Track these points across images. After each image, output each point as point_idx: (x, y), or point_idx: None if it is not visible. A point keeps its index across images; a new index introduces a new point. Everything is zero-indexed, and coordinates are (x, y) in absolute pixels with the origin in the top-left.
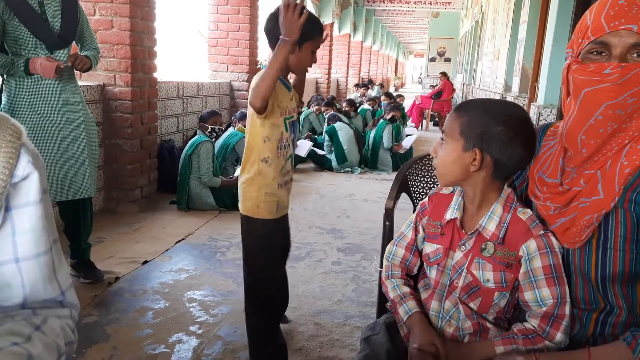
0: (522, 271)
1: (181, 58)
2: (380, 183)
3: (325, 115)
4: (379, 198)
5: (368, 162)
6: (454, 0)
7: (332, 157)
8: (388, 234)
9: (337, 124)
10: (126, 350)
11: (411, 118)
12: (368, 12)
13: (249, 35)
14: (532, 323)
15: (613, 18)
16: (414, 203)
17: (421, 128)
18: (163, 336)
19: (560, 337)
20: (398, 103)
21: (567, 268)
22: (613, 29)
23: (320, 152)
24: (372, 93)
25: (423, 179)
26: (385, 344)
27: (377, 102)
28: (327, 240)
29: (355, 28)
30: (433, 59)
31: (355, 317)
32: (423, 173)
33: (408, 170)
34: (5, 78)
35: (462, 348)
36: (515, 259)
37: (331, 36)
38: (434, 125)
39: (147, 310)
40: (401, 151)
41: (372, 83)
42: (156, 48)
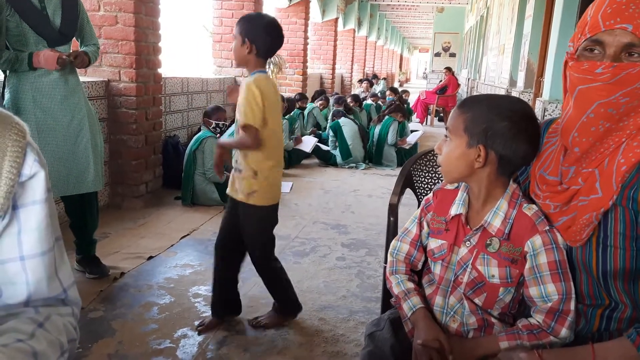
0: (528, 267)
1: (185, 54)
2: (384, 179)
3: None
4: (384, 194)
5: (372, 158)
6: None
7: (337, 153)
8: (392, 230)
9: (342, 120)
10: (132, 345)
11: (416, 113)
12: (373, 7)
13: None
14: (537, 318)
15: (609, 16)
16: (419, 199)
17: (426, 123)
18: (168, 331)
19: (565, 333)
20: (400, 103)
21: (571, 264)
22: (608, 28)
23: (324, 148)
24: (378, 88)
25: (427, 175)
26: (389, 340)
27: (382, 97)
28: (332, 235)
29: (359, 23)
30: (438, 54)
31: (359, 313)
32: (427, 169)
33: (412, 165)
34: (7, 74)
35: (467, 343)
36: (520, 255)
37: (335, 31)
38: (439, 120)
39: (153, 305)
40: (406, 146)
41: (377, 78)
42: (160, 44)
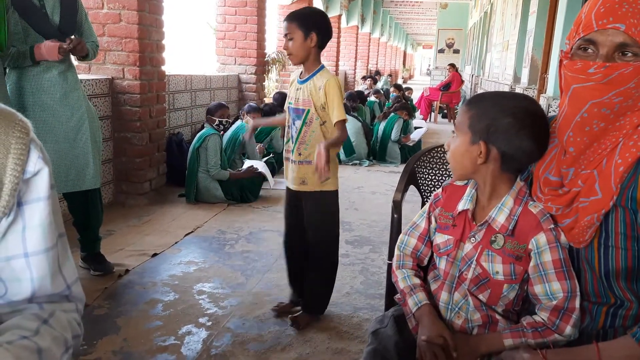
0: (532, 264)
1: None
2: (388, 175)
3: None
4: (387, 190)
5: (376, 155)
6: None
7: (340, 150)
8: (396, 227)
9: None
10: (136, 341)
11: (419, 110)
12: (376, 4)
13: (257, 27)
14: (542, 316)
15: (602, 15)
16: (422, 196)
17: (430, 120)
18: (173, 328)
19: (569, 331)
20: (405, 101)
21: (577, 262)
22: (601, 27)
23: None
24: (379, 84)
25: (431, 172)
26: (393, 337)
27: (385, 94)
28: None
29: (363, 20)
30: (441, 51)
31: (363, 309)
32: (431, 165)
33: (416, 162)
34: (7, 71)
35: (471, 340)
36: (524, 252)
37: (339, 28)
38: (443, 117)
39: (157, 302)
40: (410, 143)
41: (380, 74)
42: (164, 41)
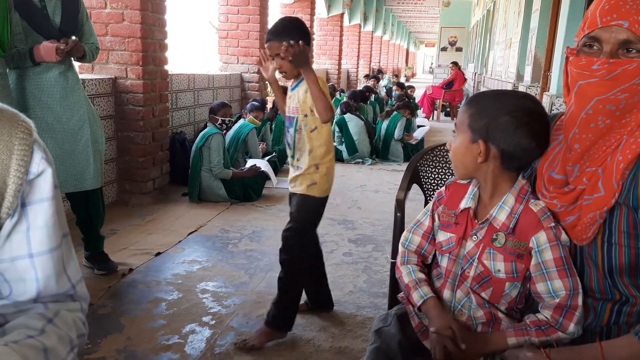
0: (533, 263)
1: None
2: (391, 174)
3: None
4: (390, 189)
5: (379, 153)
6: None
7: (343, 148)
8: (399, 225)
9: (347, 115)
10: (140, 340)
11: (422, 108)
12: (378, 2)
13: (259, 26)
14: (545, 314)
15: (606, 12)
16: (425, 194)
17: (432, 118)
18: (176, 327)
19: (573, 328)
20: (407, 99)
21: (580, 259)
22: (605, 24)
23: None
24: (383, 83)
25: (434, 170)
26: (396, 336)
27: (388, 93)
28: (339, 231)
29: (365, 18)
30: (444, 49)
31: (366, 308)
32: (434, 164)
33: (419, 161)
34: (7, 72)
35: (475, 338)
36: (526, 250)
37: (341, 27)
38: (445, 115)
39: (161, 301)
40: (412, 142)
41: (382, 73)
42: (167, 40)
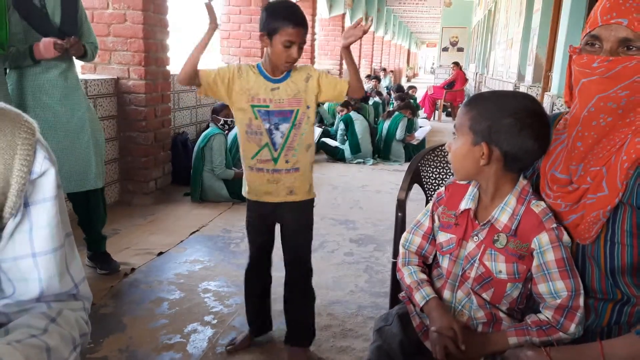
0: (535, 264)
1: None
2: (392, 174)
3: (338, 115)
4: (392, 189)
5: (380, 153)
6: None
7: (346, 147)
8: (400, 225)
9: (353, 114)
10: (142, 340)
11: (423, 109)
12: (380, 2)
13: None
14: (546, 315)
15: (607, 11)
16: (427, 194)
17: (434, 119)
18: (178, 326)
19: (574, 329)
20: (408, 100)
21: (582, 258)
22: (605, 23)
23: (332, 143)
24: (384, 82)
25: (435, 170)
26: (397, 335)
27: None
28: (340, 231)
29: (367, 18)
30: (445, 49)
31: (368, 308)
32: (435, 164)
33: (420, 161)
34: (7, 72)
35: (477, 338)
36: (527, 251)
37: (343, 27)
38: (447, 115)
39: (163, 300)
40: (414, 142)
41: (385, 71)
42: (169, 41)
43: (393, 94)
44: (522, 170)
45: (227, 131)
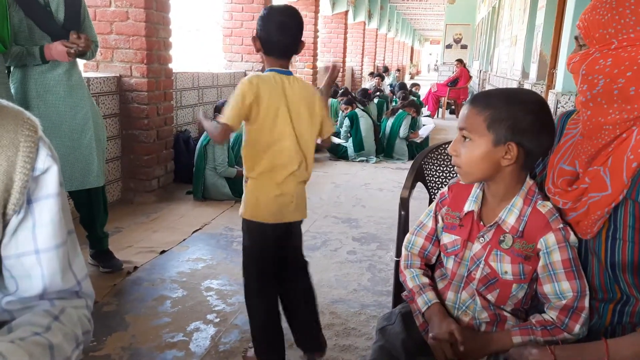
0: (541, 264)
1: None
2: (395, 172)
3: (342, 113)
4: (395, 187)
5: (384, 151)
6: None
7: (349, 145)
8: (403, 224)
9: (358, 111)
10: (145, 338)
11: (427, 106)
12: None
13: None
14: (551, 315)
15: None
16: (430, 192)
17: (437, 116)
18: (181, 324)
19: (578, 330)
20: (412, 98)
21: (584, 253)
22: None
23: (335, 141)
24: (388, 80)
25: (439, 169)
26: (400, 334)
27: (393, 91)
28: (343, 229)
29: (370, 15)
30: (449, 46)
31: (370, 306)
32: (439, 162)
33: (424, 159)
34: (12, 70)
35: (479, 338)
36: (533, 251)
37: (346, 24)
38: (450, 113)
39: (165, 299)
40: (417, 140)
41: (388, 70)
42: (171, 39)
43: (396, 92)
44: (532, 168)
45: None
